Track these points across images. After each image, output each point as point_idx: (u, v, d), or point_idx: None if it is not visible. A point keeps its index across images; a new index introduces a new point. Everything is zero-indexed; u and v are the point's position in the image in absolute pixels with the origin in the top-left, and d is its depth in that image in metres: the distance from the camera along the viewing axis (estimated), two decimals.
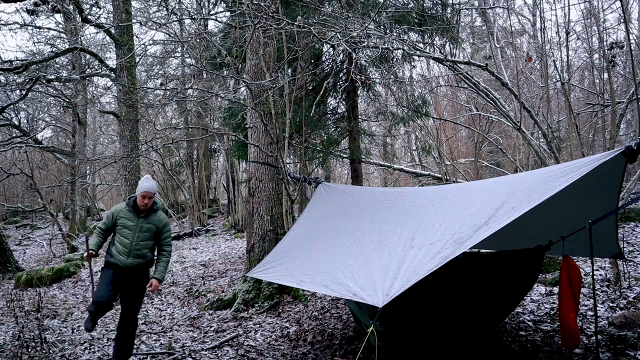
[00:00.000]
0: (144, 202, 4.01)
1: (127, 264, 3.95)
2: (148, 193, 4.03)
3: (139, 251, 3.99)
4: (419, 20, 7.15)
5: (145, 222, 4.06)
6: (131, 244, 3.97)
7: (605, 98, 6.77)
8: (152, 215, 4.11)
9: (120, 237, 4.00)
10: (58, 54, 8.76)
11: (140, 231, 4.02)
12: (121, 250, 3.97)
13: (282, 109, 6.31)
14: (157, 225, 4.10)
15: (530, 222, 3.27)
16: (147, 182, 4.09)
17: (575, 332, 3.38)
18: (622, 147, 2.85)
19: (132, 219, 4.03)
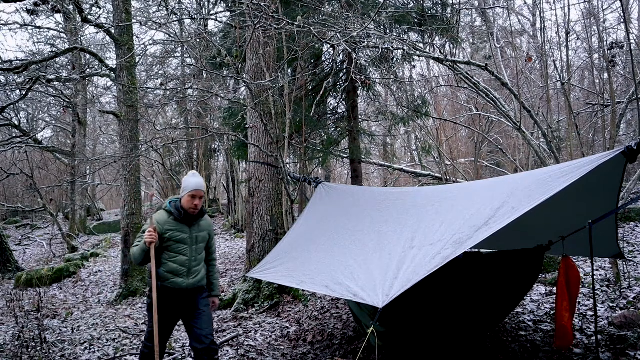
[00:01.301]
0: (194, 205, 3.19)
1: (186, 285, 3.18)
2: (199, 192, 3.20)
3: (198, 266, 3.27)
4: (419, 20, 7.15)
5: (198, 230, 3.29)
6: (190, 260, 3.20)
7: (605, 98, 6.77)
8: (202, 221, 3.34)
9: (173, 254, 3.17)
10: (58, 54, 8.75)
11: (196, 243, 3.25)
12: (178, 270, 3.17)
13: (282, 109, 6.31)
14: (209, 231, 3.40)
15: (530, 222, 3.27)
16: (196, 178, 3.25)
17: (568, 332, 3.39)
18: (622, 147, 2.85)
19: (183, 230, 3.21)
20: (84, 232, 14.46)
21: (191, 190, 3.19)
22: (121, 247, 7.28)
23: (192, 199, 3.19)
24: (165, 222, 3.19)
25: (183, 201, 3.22)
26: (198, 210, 3.25)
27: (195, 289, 3.26)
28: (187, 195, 3.19)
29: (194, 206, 3.19)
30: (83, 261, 10.06)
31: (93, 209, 17.09)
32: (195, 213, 3.23)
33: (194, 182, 3.22)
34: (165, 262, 3.17)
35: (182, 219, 3.21)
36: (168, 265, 3.16)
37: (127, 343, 4.91)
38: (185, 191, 3.21)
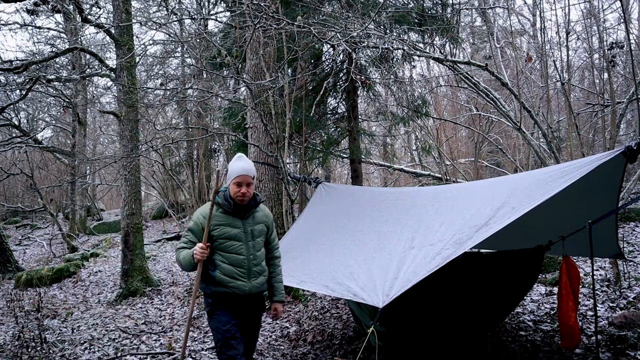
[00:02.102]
0: (242, 193, 2.68)
1: (249, 289, 2.70)
2: (246, 178, 2.69)
3: (258, 266, 2.76)
4: (419, 20, 7.15)
5: (253, 222, 2.79)
6: (247, 259, 2.70)
7: (605, 98, 6.77)
8: (257, 212, 2.84)
9: (227, 253, 2.69)
10: (58, 54, 8.75)
11: (253, 238, 2.75)
12: (235, 272, 2.67)
13: (282, 109, 6.31)
14: (267, 223, 2.87)
15: (530, 222, 3.27)
16: (241, 162, 2.76)
17: (575, 332, 3.38)
18: (622, 147, 2.85)
19: (235, 223, 2.72)
20: (84, 232, 14.46)
21: (236, 176, 2.69)
22: (121, 247, 7.28)
23: (238, 187, 2.68)
24: (213, 216, 2.70)
25: (230, 190, 2.72)
26: (247, 200, 2.72)
27: (259, 294, 2.81)
28: (231, 183, 2.71)
29: (241, 195, 2.67)
30: (83, 261, 10.06)
31: (93, 209, 17.09)
32: (245, 203, 2.71)
33: (238, 166, 2.71)
34: (219, 263, 2.68)
35: (232, 212, 2.72)
36: (223, 268, 2.68)
37: (127, 343, 4.91)
38: (229, 178, 2.73)
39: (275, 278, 2.94)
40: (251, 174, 2.73)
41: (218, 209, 2.72)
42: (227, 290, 2.69)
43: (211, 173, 16.29)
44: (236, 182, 2.71)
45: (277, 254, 2.99)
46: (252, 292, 2.74)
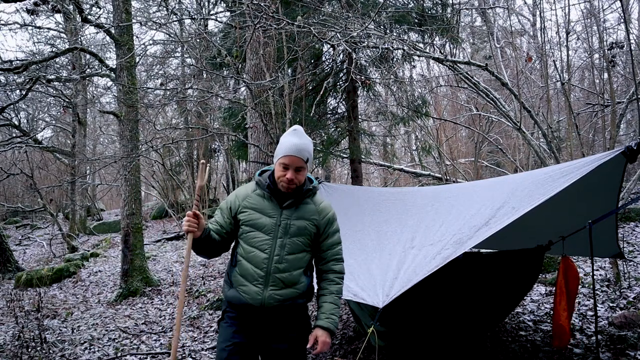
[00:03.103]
0: (287, 178, 2.09)
1: (262, 300, 2.07)
2: (296, 160, 2.08)
3: (285, 273, 2.09)
4: (419, 20, 7.15)
5: (295, 215, 2.14)
6: (270, 260, 2.08)
7: (605, 98, 6.77)
8: (306, 204, 2.20)
9: (249, 247, 2.11)
10: (58, 54, 8.75)
11: (286, 233, 2.11)
12: (250, 274, 2.09)
13: (282, 109, 6.31)
14: (318, 222, 2.18)
15: (530, 222, 3.28)
16: (294, 137, 2.13)
17: (566, 332, 3.40)
18: (622, 147, 2.85)
19: (269, 211, 2.14)
20: (84, 232, 14.46)
21: (282, 155, 2.09)
22: (121, 247, 7.28)
23: (284, 170, 2.09)
24: (246, 196, 2.18)
25: (275, 171, 2.15)
26: (294, 187, 2.12)
27: (278, 310, 2.09)
28: (277, 163, 2.13)
29: (286, 180, 2.08)
30: (83, 261, 10.06)
31: (93, 209, 17.09)
32: (290, 190, 2.12)
33: (288, 142, 2.10)
34: (240, 259, 2.14)
35: (270, 197, 2.15)
36: (242, 265, 2.12)
37: (127, 343, 4.91)
38: (276, 156, 2.14)
39: (326, 297, 2.17)
40: (304, 156, 2.09)
41: (255, 189, 2.20)
42: (238, 295, 2.11)
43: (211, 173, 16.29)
44: (282, 162, 2.09)
45: (337, 267, 2.22)
46: (268, 305, 2.06)
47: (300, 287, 2.14)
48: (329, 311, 2.15)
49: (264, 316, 2.12)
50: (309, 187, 2.23)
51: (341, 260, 2.26)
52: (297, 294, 2.13)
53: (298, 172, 2.11)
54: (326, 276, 2.22)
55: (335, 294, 2.18)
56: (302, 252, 2.15)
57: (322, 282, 2.22)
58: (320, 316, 2.15)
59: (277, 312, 2.12)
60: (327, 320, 2.12)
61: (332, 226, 2.24)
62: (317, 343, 2.11)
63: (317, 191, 2.28)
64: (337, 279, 2.22)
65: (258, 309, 2.09)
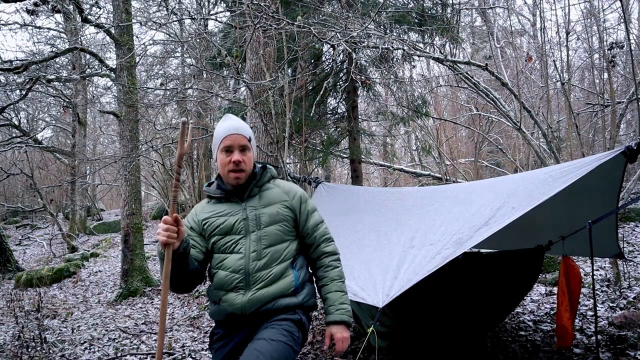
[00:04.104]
0: (233, 162, 1.84)
1: (242, 304, 1.78)
2: (238, 138, 1.86)
3: (266, 270, 1.81)
4: (419, 20, 7.15)
5: (261, 203, 1.90)
6: (245, 257, 1.82)
7: (605, 98, 6.77)
8: (269, 189, 1.95)
9: (222, 254, 1.87)
10: (58, 54, 8.76)
11: (258, 225, 1.85)
12: (227, 281, 1.82)
13: (282, 109, 6.31)
14: (290, 204, 1.93)
15: (530, 222, 3.28)
16: (229, 120, 1.93)
17: (568, 332, 3.39)
18: (622, 147, 2.85)
19: (232, 210, 1.89)
20: (84, 232, 14.46)
21: (222, 137, 1.86)
22: (121, 247, 7.28)
23: (228, 154, 1.85)
24: (203, 208, 1.95)
25: (219, 166, 1.90)
26: (245, 173, 1.87)
27: (264, 313, 1.79)
28: (218, 152, 1.88)
29: (232, 165, 1.83)
30: (83, 261, 10.07)
31: (93, 209, 17.09)
32: (242, 180, 1.87)
33: (223, 126, 1.89)
34: (213, 271, 1.89)
35: (226, 197, 1.92)
36: (217, 276, 1.86)
37: (127, 343, 4.91)
38: (215, 147, 1.90)
39: (328, 286, 1.89)
40: (246, 133, 1.89)
41: (210, 200, 1.97)
42: (219, 309, 1.84)
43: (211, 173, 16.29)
44: (224, 147, 1.86)
45: (328, 247, 1.95)
46: (251, 309, 1.77)
47: (288, 282, 1.81)
48: (337, 301, 1.86)
49: (251, 326, 1.80)
50: (262, 167, 1.98)
51: (331, 240, 1.99)
52: (285, 291, 1.80)
53: (243, 152, 1.87)
54: (321, 262, 1.95)
55: (338, 279, 1.91)
56: (283, 242, 1.87)
57: (319, 270, 1.94)
58: (329, 310, 1.86)
59: (263, 318, 1.79)
60: (338, 313, 1.84)
61: (307, 204, 1.98)
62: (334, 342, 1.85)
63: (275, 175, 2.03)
64: (334, 262, 1.95)
65: (240, 317, 1.79)
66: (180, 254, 1.68)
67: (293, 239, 1.93)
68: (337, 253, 1.98)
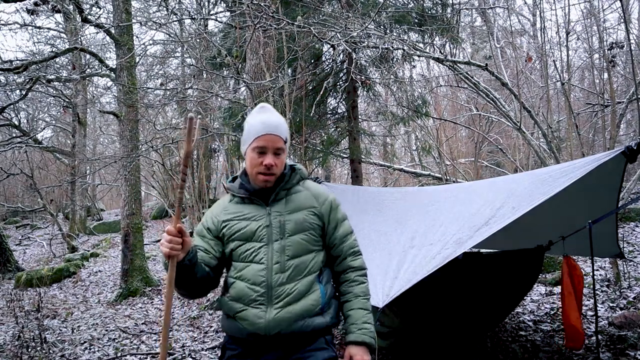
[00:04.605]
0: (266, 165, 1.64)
1: (267, 324, 1.59)
2: (274, 139, 1.65)
3: (290, 283, 1.63)
4: (419, 20, 7.15)
5: (288, 208, 1.70)
6: (268, 269, 1.63)
7: (605, 98, 6.77)
8: (297, 193, 1.75)
9: (241, 263, 1.69)
10: (58, 54, 8.76)
11: (283, 233, 1.67)
12: (246, 294, 1.64)
13: (282, 109, 6.31)
14: (318, 211, 1.73)
15: (530, 222, 3.27)
16: (265, 113, 1.71)
17: (579, 332, 3.37)
18: (622, 147, 2.85)
19: (256, 214, 1.70)
20: (84, 232, 14.46)
21: (256, 136, 1.64)
22: (121, 247, 7.28)
23: (260, 155, 1.64)
24: (224, 209, 1.76)
25: (247, 164, 1.70)
26: (275, 176, 1.67)
27: (291, 336, 1.61)
28: (249, 149, 1.67)
29: (264, 168, 1.63)
30: (83, 261, 10.07)
31: (93, 209, 17.10)
32: (270, 182, 1.67)
33: (260, 121, 1.66)
34: (232, 281, 1.70)
35: (250, 198, 1.72)
36: (235, 287, 1.67)
37: (127, 343, 4.91)
38: (246, 142, 1.69)
39: (351, 302, 1.71)
40: (282, 134, 1.67)
41: (232, 199, 1.78)
42: (236, 325, 1.65)
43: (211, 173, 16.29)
44: (256, 146, 1.64)
45: (356, 262, 1.77)
46: (275, 329, 1.59)
47: (315, 299, 1.64)
48: (359, 320, 1.68)
49: (276, 350, 1.62)
50: (293, 168, 1.77)
51: (359, 254, 1.80)
52: (312, 309, 1.63)
53: (277, 155, 1.66)
54: (346, 276, 1.75)
55: (362, 296, 1.72)
56: (309, 253, 1.68)
57: (343, 284, 1.75)
58: (350, 329, 1.68)
59: (288, 341, 1.61)
60: (360, 333, 1.65)
61: (337, 212, 1.78)
62: None
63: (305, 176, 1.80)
64: (360, 277, 1.75)
65: (263, 338, 1.60)
66: (185, 265, 1.57)
67: (319, 249, 1.73)
68: (364, 268, 1.80)
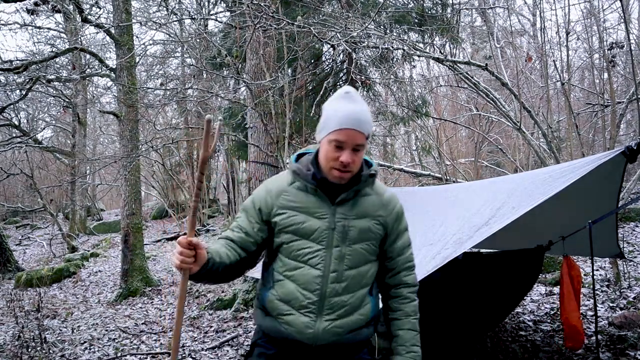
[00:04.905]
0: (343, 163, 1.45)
1: (316, 335, 1.49)
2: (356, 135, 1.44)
3: (346, 295, 1.52)
4: (419, 20, 7.16)
5: (354, 213, 1.54)
6: (324, 278, 1.50)
7: (605, 98, 6.77)
8: (366, 196, 1.58)
9: (292, 261, 1.53)
10: (58, 54, 8.76)
11: (344, 240, 1.52)
12: (297, 298, 1.50)
13: (282, 109, 6.31)
14: (384, 219, 1.60)
15: (530, 222, 3.27)
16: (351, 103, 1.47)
17: (579, 332, 3.37)
18: (622, 147, 2.85)
19: (318, 211, 1.52)
20: (84, 232, 14.46)
21: (336, 128, 1.45)
22: (121, 247, 7.28)
23: (337, 149, 1.46)
24: (282, 191, 1.56)
25: (321, 153, 1.52)
26: (352, 174, 1.50)
27: (335, 348, 1.53)
28: (325, 141, 1.48)
29: (340, 165, 1.46)
30: (83, 261, 10.06)
31: (93, 209, 17.10)
32: (345, 179, 1.50)
33: (343, 111, 1.45)
34: (278, 278, 1.55)
35: (316, 190, 1.53)
36: (283, 286, 1.53)
37: (127, 343, 4.91)
38: (323, 130, 1.50)
39: (401, 321, 1.60)
40: (366, 129, 1.46)
41: (293, 182, 1.57)
42: (278, 326, 1.53)
43: (211, 173, 16.29)
44: (335, 139, 1.45)
45: (409, 277, 1.64)
46: (322, 341, 1.50)
47: (365, 313, 1.56)
48: (409, 342, 1.56)
49: (315, 357, 1.52)
50: (369, 172, 1.56)
51: (413, 268, 1.66)
52: (362, 322, 1.55)
53: (356, 152, 1.46)
54: (397, 292, 1.62)
55: (413, 315, 1.60)
56: (366, 264, 1.55)
57: (393, 300, 1.62)
58: (398, 350, 1.56)
59: (333, 352, 1.53)
60: (408, 356, 1.55)
61: (401, 223, 1.67)
62: None
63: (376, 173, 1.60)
64: (412, 295, 1.63)
65: (307, 347, 1.50)
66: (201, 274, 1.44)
67: (375, 259, 1.60)
68: (416, 285, 1.67)
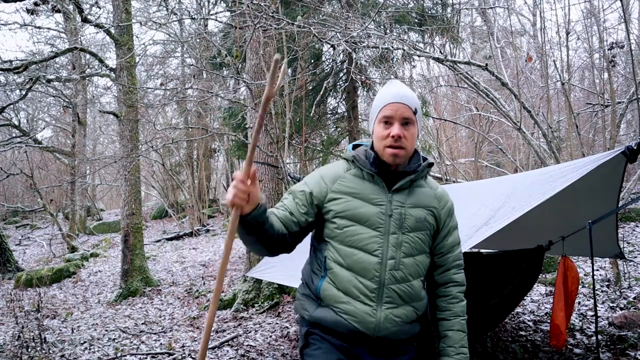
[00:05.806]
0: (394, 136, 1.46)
1: (378, 324, 1.46)
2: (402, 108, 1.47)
3: (403, 284, 1.50)
4: (419, 20, 7.16)
5: (410, 201, 1.53)
6: (382, 264, 1.47)
7: (605, 98, 6.77)
8: (420, 187, 1.58)
9: (347, 247, 1.49)
10: (58, 54, 8.75)
11: (401, 227, 1.50)
12: (356, 286, 1.47)
13: (282, 109, 6.32)
14: (437, 211, 1.58)
15: (530, 222, 3.28)
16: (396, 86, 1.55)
17: (562, 331, 3.40)
18: (622, 147, 2.85)
19: (374, 197, 1.51)
20: (84, 232, 14.46)
21: (383, 105, 1.49)
22: (121, 247, 7.28)
23: (386, 126, 1.48)
24: (337, 177, 1.55)
25: (374, 138, 1.54)
26: (405, 153, 1.49)
27: (393, 342, 1.52)
28: (376, 123, 1.52)
29: (391, 139, 1.46)
30: (83, 261, 10.06)
31: (93, 209, 17.10)
32: (400, 158, 1.49)
33: (388, 92, 1.52)
34: (331, 265, 1.51)
35: (373, 177, 1.52)
36: (338, 275, 1.49)
37: (127, 343, 4.91)
38: (374, 113, 1.54)
39: (451, 322, 1.62)
40: (411, 104, 1.49)
41: (350, 168, 1.56)
42: (336, 316, 1.48)
43: (211, 173, 16.29)
44: (383, 116, 1.49)
45: (458, 276, 1.66)
46: (384, 331, 1.47)
47: (420, 306, 1.56)
48: (458, 343, 1.60)
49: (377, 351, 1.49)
50: (428, 162, 1.59)
51: (462, 267, 1.67)
52: (416, 315, 1.55)
53: (406, 126, 1.48)
54: (446, 290, 1.62)
55: (462, 316, 1.65)
56: (422, 254, 1.55)
57: (441, 299, 1.62)
58: (447, 351, 1.58)
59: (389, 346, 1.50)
60: (457, 357, 1.57)
61: (452, 219, 1.63)
62: None
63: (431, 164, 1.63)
64: (460, 294, 1.66)
65: (366, 338, 1.46)
66: (249, 223, 1.37)
67: (428, 252, 1.59)
68: (465, 284, 1.69)
